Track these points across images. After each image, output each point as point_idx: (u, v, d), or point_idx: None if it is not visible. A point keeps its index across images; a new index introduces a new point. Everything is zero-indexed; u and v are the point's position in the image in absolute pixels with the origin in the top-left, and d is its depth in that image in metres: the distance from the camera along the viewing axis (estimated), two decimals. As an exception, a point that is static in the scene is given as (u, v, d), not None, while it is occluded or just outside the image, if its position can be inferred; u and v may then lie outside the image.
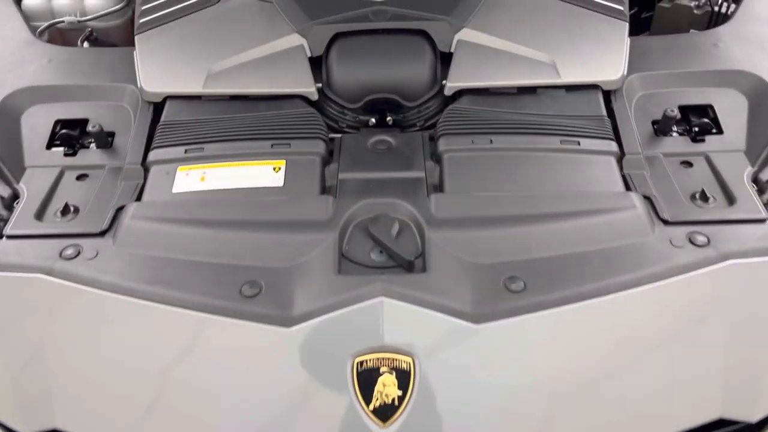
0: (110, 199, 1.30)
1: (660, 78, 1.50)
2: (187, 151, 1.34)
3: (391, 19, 1.50)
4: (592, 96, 1.44)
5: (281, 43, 1.49)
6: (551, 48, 1.47)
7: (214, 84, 1.45)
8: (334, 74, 1.47)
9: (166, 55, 1.50)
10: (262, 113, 1.42)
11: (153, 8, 1.63)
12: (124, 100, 1.51)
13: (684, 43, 1.59)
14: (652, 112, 1.45)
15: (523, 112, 1.40)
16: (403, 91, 1.46)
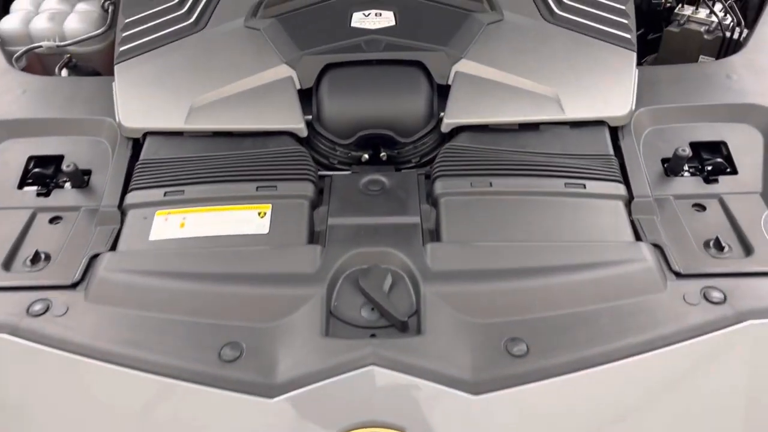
0: (84, 245, 1.22)
1: (670, 112, 1.41)
2: (166, 193, 1.26)
3: (385, 49, 1.41)
4: (598, 133, 1.36)
5: (269, 75, 1.41)
6: (555, 80, 1.39)
7: (197, 119, 1.36)
8: (324, 108, 1.38)
9: (147, 87, 1.42)
10: (248, 151, 1.33)
11: (134, 35, 1.54)
12: (102, 134, 1.42)
13: (695, 74, 1.50)
14: (662, 149, 1.37)
15: (525, 151, 1.32)
16: (398, 127, 1.38)
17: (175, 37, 1.52)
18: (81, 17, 1.72)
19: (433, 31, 1.45)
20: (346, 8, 1.51)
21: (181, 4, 1.61)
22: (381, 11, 1.49)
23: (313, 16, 1.50)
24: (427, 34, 1.44)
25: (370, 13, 1.49)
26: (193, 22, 1.55)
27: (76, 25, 1.71)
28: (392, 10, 1.49)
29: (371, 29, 1.45)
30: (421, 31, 1.45)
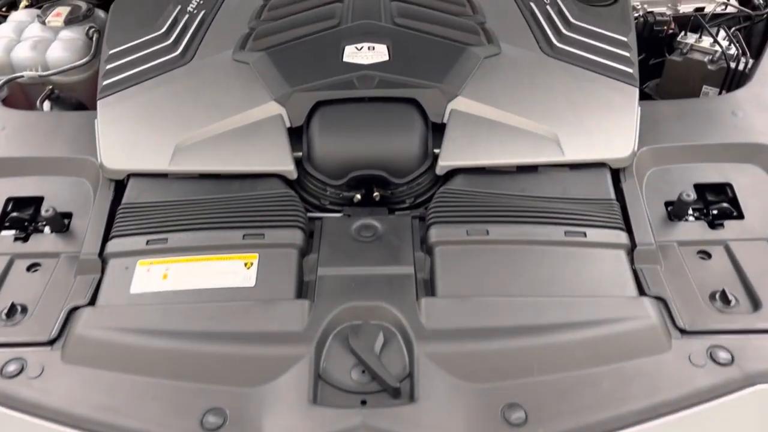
0: (63, 296, 1.16)
1: (673, 151, 1.36)
2: (149, 242, 1.20)
3: (378, 85, 1.36)
4: (599, 175, 1.30)
5: (258, 113, 1.35)
6: (554, 119, 1.34)
7: (182, 161, 1.31)
8: (315, 149, 1.33)
9: (130, 125, 1.37)
10: (235, 195, 1.28)
11: (118, 67, 1.49)
12: (84, 174, 1.37)
13: (699, 110, 1.45)
14: (666, 192, 1.32)
15: (523, 196, 1.27)
16: (392, 168, 1.32)
17: (160, 69, 1.47)
18: (64, 45, 1.66)
19: (427, 66, 1.40)
20: (338, 41, 1.45)
21: (168, 34, 1.55)
22: (374, 44, 1.44)
23: (304, 50, 1.45)
24: (421, 69, 1.39)
25: (362, 46, 1.43)
26: (180, 54, 1.50)
27: (60, 54, 1.65)
28: (386, 43, 1.44)
29: (364, 64, 1.39)
30: (415, 66, 1.40)
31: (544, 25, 1.54)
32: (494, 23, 1.55)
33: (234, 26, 1.57)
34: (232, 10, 1.63)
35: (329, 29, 1.49)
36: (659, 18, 1.76)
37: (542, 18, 1.56)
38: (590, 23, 1.55)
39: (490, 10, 1.59)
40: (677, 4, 1.82)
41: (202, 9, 1.62)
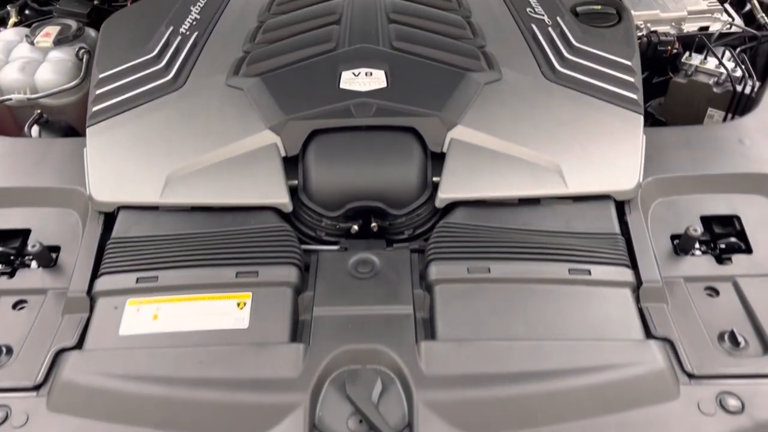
0: (50, 336, 1.12)
1: (679, 182, 1.33)
2: (139, 279, 1.16)
3: (375, 114, 1.32)
4: (603, 208, 1.27)
5: (252, 142, 1.31)
6: (556, 150, 1.30)
7: (174, 193, 1.26)
8: (311, 180, 1.29)
9: (120, 155, 1.32)
10: (228, 229, 1.24)
11: (108, 92, 1.44)
12: (72, 205, 1.33)
13: (705, 137, 1.41)
14: (672, 224, 1.28)
15: (526, 230, 1.23)
16: (390, 199, 1.28)
17: (152, 95, 1.43)
18: (54, 67, 1.62)
19: (426, 93, 1.36)
20: (334, 66, 1.41)
21: (159, 57, 1.51)
22: (371, 70, 1.40)
23: (299, 75, 1.40)
24: (420, 96, 1.35)
25: (360, 72, 1.39)
26: (172, 79, 1.46)
27: (49, 76, 1.61)
28: (383, 69, 1.40)
29: (361, 91, 1.35)
30: (414, 93, 1.36)
31: (546, 48, 1.50)
32: (495, 46, 1.51)
33: (228, 49, 1.53)
34: (225, 32, 1.59)
35: (326, 53, 1.45)
36: (663, 38, 1.72)
37: (544, 40, 1.53)
38: (593, 46, 1.52)
39: (490, 32, 1.55)
40: (681, 24, 1.78)
41: (195, 30, 1.58)
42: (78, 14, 1.84)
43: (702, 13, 1.80)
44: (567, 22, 1.58)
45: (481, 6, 1.64)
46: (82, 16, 1.84)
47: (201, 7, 1.66)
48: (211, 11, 1.65)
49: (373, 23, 1.52)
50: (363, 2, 1.59)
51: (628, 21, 1.62)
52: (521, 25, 1.58)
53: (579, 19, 1.64)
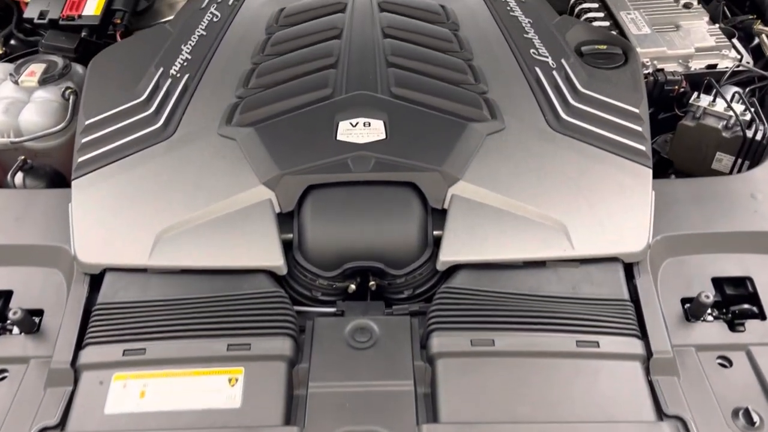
0: (32, 412, 1.07)
1: (689, 240, 1.27)
2: (125, 352, 1.10)
3: (374, 168, 1.26)
4: (611, 272, 1.21)
5: (245, 198, 1.25)
6: (562, 207, 1.25)
7: (163, 255, 1.21)
8: (307, 239, 1.23)
9: (107, 213, 1.26)
10: (219, 295, 1.18)
11: (95, 141, 1.38)
12: (57, 264, 1.27)
13: (715, 191, 1.36)
14: (682, 286, 1.23)
15: (531, 296, 1.18)
16: (389, 259, 1.23)
17: (141, 144, 1.36)
18: (39, 109, 1.55)
19: (427, 145, 1.30)
20: (331, 115, 1.35)
21: (149, 102, 1.45)
22: (370, 120, 1.34)
23: (294, 126, 1.34)
24: (420, 149, 1.29)
25: (357, 122, 1.34)
26: (161, 126, 1.39)
27: (34, 118, 1.54)
28: (382, 119, 1.34)
29: (359, 143, 1.30)
30: (414, 145, 1.30)
31: (551, 94, 1.45)
32: (497, 92, 1.45)
33: (220, 93, 1.47)
34: (218, 74, 1.52)
35: (322, 100, 1.39)
36: (670, 77, 1.66)
37: (548, 85, 1.47)
38: (599, 91, 1.46)
39: (492, 76, 1.49)
40: (688, 61, 1.72)
41: (186, 72, 1.52)
42: (65, 49, 1.77)
43: (710, 49, 1.74)
44: (572, 64, 1.52)
45: (483, 47, 1.58)
46: (69, 51, 1.77)
47: (192, 45, 1.60)
48: (203, 51, 1.58)
49: (371, 67, 1.46)
50: (360, 44, 1.53)
51: (635, 62, 1.57)
52: (524, 68, 1.52)
53: (584, 59, 1.59)
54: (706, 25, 1.83)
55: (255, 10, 1.72)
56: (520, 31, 1.63)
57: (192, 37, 1.63)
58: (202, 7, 1.73)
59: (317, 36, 1.57)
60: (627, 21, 1.82)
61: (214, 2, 1.75)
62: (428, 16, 1.65)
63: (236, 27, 1.66)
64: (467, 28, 1.64)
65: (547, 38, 1.61)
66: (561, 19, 1.72)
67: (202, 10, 1.73)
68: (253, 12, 1.71)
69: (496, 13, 1.69)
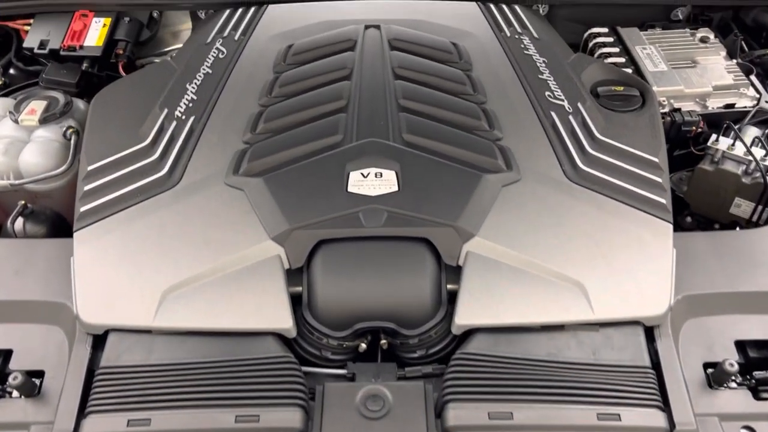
0: None
1: (712, 300, 1.24)
2: (130, 422, 1.06)
3: (386, 223, 1.21)
4: (632, 335, 1.17)
5: (253, 253, 1.21)
6: (581, 265, 1.21)
7: (168, 315, 1.16)
8: (317, 298, 1.19)
9: (110, 269, 1.22)
10: (227, 360, 1.14)
11: (97, 189, 1.34)
12: (59, 322, 1.23)
13: (738, 247, 1.32)
14: (704, 349, 1.19)
15: (550, 363, 1.13)
16: (402, 319, 1.19)
17: (145, 193, 1.32)
18: (39, 149, 1.51)
19: (441, 198, 1.26)
20: (342, 165, 1.31)
21: (153, 145, 1.41)
22: (381, 170, 1.30)
23: (304, 176, 1.30)
24: (434, 202, 1.25)
25: (369, 172, 1.29)
26: (167, 174, 1.35)
27: (34, 159, 1.49)
28: (394, 169, 1.30)
29: (370, 196, 1.25)
30: (427, 198, 1.26)
31: (567, 141, 1.40)
32: (512, 138, 1.41)
33: (227, 138, 1.42)
34: (224, 117, 1.48)
35: (332, 148, 1.35)
36: (687, 118, 1.62)
37: (564, 132, 1.43)
38: (617, 138, 1.42)
39: (507, 121, 1.45)
40: (706, 100, 1.68)
41: (191, 114, 1.47)
42: (66, 83, 1.72)
43: (728, 88, 1.70)
44: (588, 108, 1.48)
45: (497, 89, 1.53)
46: (70, 86, 1.72)
47: (197, 85, 1.55)
48: (209, 90, 1.54)
49: (382, 111, 1.42)
50: (371, 86, 1.48)
51: (653, 105, 1.53)
52: (540, 112, 1.48)
53: (600, 101, 1.54)
54: (723, 60, 1.79)
55: (262, 45, 1.67)
56: (534, 72, 1.58)
57: (197, 75, 1.58)
58: (208, 42, 1.69)
59: (327, 77, 1.52)
60: (643, 56, 1.77)
61: (220, 37, 1.71)
62: (440, 55, 1.60)
63: (243, 64, 1.61)
64: (480, 68, 1.60)
65: (563, 79, 1.56)
66: (576, 57, 1.68)
67: (208, 45, 1.68)
68: (260, 48, 1.67)
69: (509, 51, 1.64)
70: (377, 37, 1.64)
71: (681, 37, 1.87)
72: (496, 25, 1.74)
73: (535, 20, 1.78)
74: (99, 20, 1.86)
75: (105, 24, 1.85)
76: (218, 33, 1.73)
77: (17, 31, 1.91)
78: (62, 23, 1.85)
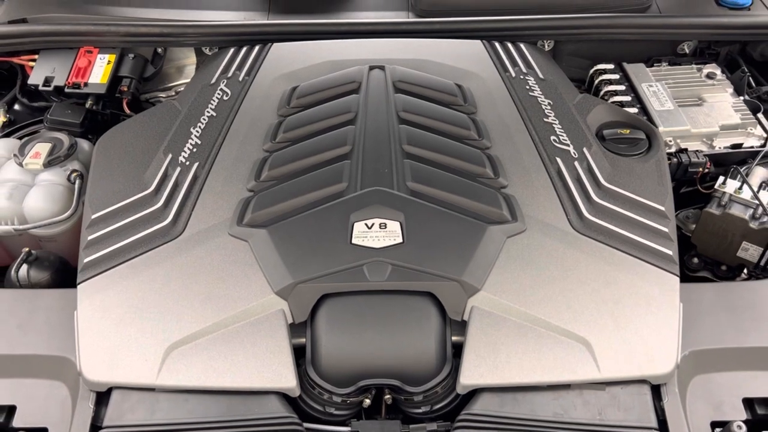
0: None
1: (719, 356, 1.23)
2: (133, 491, 1.07)
3: (390, 277, 1.21)
4: (638, 394, 1.16)
5: (256, 309, 1.21)
6: (587, 322, 1.20)
7: (171, 373, 1.16)
8: (320, 354, 1.19)
9: (114, 325, 1.21)
10: (229, 421, 1.13)
11: (101, 239, 1.34)
12: (62, 377, 1.22)
13: (746, 297, 1.31)
14: (711, 407, 1.18)
15: (556, 424, 1.12)
16: (406, 376, 1.18)
17: (149, 244, 1.32)
18: (44, 193, 1.51)
19: (446, 251, 1.25)
20: (346, 215, 1.30)
21: (157, 193, 1.40)
22: (386, 221, 1.29)
23: (308, 227, 1.29)
24: (438, 255, 1.24)
25: (373, 223, 1.29)
26: (170, 223, 1.35)
27: (39, 204, 1.49)
28: (399, 220, 1.29)
29: (374, 248, 1.25)
30: (432, 250, 1.25)
31: (573, 189, 1.39)
32: (517, 186, 1.40)
33: (231, 185, 1.42)
34: (228, 163, 1.47)
35: (337, 196, 1.35)
36: (694, 159, 1.61)
37: (570, 179, 1.42)
38: (623, 185, 1.41)
39: (512, 167, 1.44)
40: (713, 140, 1.67)
41: (196, 160, 1.47)
42: (70, 124, 1.72)
43: (735, 127, 1.69)
44: (594, 153, 1.47)
45: (502, 133, 1.52)
46: (75, 126, 1.72)
47: (201, 129, 1.55)
48: (213, 135, 1.53)
49: (387, 158, 1.41)
50: (375, 131, 1.47)
51: (659, 150, 1.52)
52: (545, 158, 1.47)
53: (605, 144, 1.54)
54: (730, 98, 1.77)
55: (266, 87, 1.67)
56: (540, 115, 1.57)
57: (201, 118, 1.58)
58: (212, 83, 1.68)
59: (331, 121, 1.52)
60: (649, 94, 1.76)
61: (225, 77, 1.70)
62: (444, 97, 1.60)
63: (247, 107, 1.61)
64: (485, 111, 1.59)
65: (568, 123, 1.55)
66: (582, 98, 1.67)
67: (212, 86, 1.67)
68: (264, 89, 1.66)
69: (514, 92, 1.64)
70: (381, 79, 1.64)
71: (687, 73, 1.86)
72: (501, 65, 1.73)
73: (540, 59, 1.77)
74: (104, 56, 1.86)
75: (110, 60, 1.85)
76: (223, 73, 1.72)
77: (22, 67, 1.91)
78: (67, 59, 1.86)
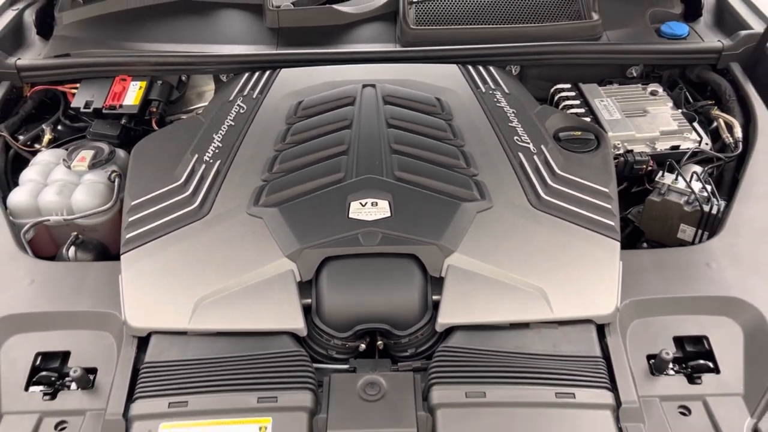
0: None
1: (653, 304, 1.48)
2: (170, 404, 1.29)
3: (380, 242, 1.48)
4: (585, 332, 1.42)
5: (270, 269, 1.47)
6: (542, 276, 1.46)
7: (201, 319, 1.41)
8: (324, 304, 1.44)
9: (152, 284, 1.47)
10: (249, 355, 1.37)
11: (140, 220, 1.61)
12: (108, 328, 1.47)
13: (675, 261, 1.57)
14: (647, 344, 1.43)
15: (517, 354, 1.37)
16: (394, 321, 1.43)
17: (180, 223, 1.59)
18: (88, 190, 1.79)
19: (426, 222, 1.52)
20: (344, 196, 1.58)
21: (186, 184, 1.68)
22: (377, 200, 1.57)
23: (312, 206, 1.57)
24: (420, 225, 1.51)
25: (366, 202, 1.56)
26: (197, 207, 1.62)
27: (84, 198, 1.78)
28: (387, 199, 1.57)
29: (368, 221, 1.52)
30: (414, 222, 1.52)
31: (532, 176, 1.68)
32: (486, 174, 1.69)
33: (248, 177, 1.70)
34: (245, 160, 1.76)
35: (336, 183, 1.62)
36: (638, 158, 1.90)
37: (530, 169, 1.71)
38: (574, 173, 1.70)
39: (481, 161, 1.73)
40: (654, 143, 1.97)
41: (218, 159, 1.76)
42: (109, 136, 2.02)
43: (673, 132, 1.99)
44: (550, 149, 1.77)
45: (474, 135, 1.82)
46: (112, 138, 2.02)
47: (222, 134, 1.84)
48: (232, 139, 1.83)
49: (377, 154, 1.70)
50: (368, 133, 1.77)
51: (606, 147, 1.81)
52: (509, 153, 1.76)
53: (561, 144, 1.83)
54: (670, 110, 2.08)
55: (276, 102, 1.98)
56: (505, 121, 1.88)
57: (222, 126, 1.88)
58: (230, 100, 2.00)
59: (331, 126, 1.82)
60: (600, 108, 2.07)
61: (241, 95, 2.02)
62: (426, 108, 1.90)
63: (260, 118, 1.91)
64: (460, 118, 1.89)
65: (529, 126, 1.85)
66: (541, 108, 1.98)
67: (230, 102, 1.99)
68: (274, 104, 1.97)
69: (484, 104, 1.94)
70: (373, 94, 1.95)
71: (634, 90, 2.18)
72: (473, 83, 2.05)
73: (507, 79, 2.09)
74: (136, 83, 2.18)
75: (141, 86, 2.16)
76: (239, 92, 2.04)
77: (64, 94, 2.22)
78: (104, 86, 2.17)
